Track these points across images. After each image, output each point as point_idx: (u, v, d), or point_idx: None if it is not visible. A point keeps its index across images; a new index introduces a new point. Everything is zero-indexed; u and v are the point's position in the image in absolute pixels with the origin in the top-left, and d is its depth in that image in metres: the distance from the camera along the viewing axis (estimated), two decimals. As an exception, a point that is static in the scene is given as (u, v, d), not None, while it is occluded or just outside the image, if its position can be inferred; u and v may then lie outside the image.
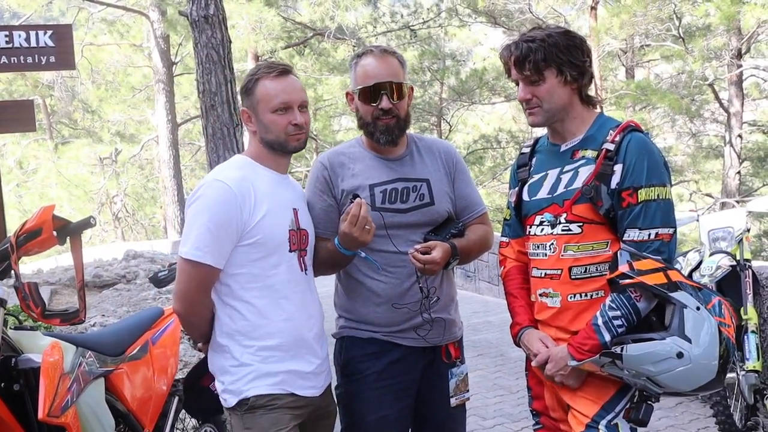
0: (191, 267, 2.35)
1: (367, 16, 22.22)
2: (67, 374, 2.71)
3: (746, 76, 17.84)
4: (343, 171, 2.73)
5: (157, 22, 18.53)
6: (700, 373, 2.09)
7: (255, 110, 2.50)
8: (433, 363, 2.74)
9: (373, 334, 2.70)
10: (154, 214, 28.70)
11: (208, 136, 7.78)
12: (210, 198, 2.37)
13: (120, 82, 24.33)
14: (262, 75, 2.49)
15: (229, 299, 2.43)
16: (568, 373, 2.29)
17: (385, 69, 2.65)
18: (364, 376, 2.70)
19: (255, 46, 17.86)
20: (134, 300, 7.18)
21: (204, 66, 7.67)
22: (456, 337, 2.81)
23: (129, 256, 9.84)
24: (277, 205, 2.46)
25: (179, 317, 2.49)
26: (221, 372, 2.47)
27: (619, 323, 2.18)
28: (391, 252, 2.64)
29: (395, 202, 2.67)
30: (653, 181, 2.22)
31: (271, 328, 2.42)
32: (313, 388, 2.52)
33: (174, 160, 18.90)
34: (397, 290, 2.66)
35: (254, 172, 2.48)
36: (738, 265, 4.61)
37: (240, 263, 2.40)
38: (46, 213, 2.70)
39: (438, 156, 2.81)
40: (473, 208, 2.81)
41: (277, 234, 2.43)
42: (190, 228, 2.37)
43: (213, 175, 2.46)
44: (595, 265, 2.30)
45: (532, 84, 2.33)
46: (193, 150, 26.22)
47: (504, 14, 21.21)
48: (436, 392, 2.75)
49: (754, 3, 12.26)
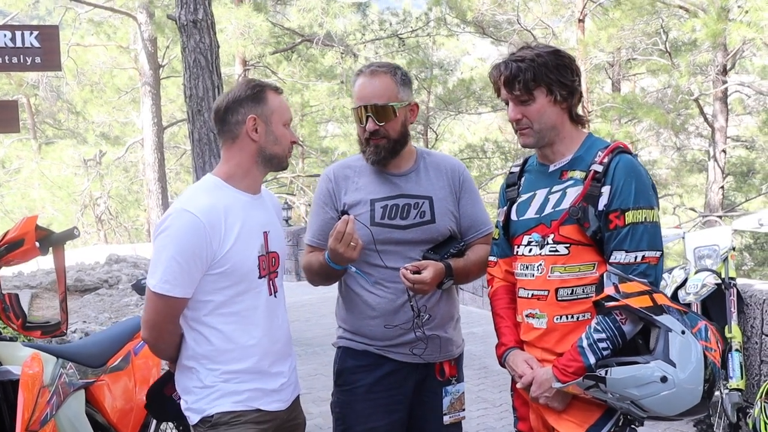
0: (159, 299, 2.33)
1: (355, 24, 22.24)
2: (46, 387, 2.68)
3: (731, 92, 18.01)
4: (347, 184, 2.75)
5: (145, 24, 18.47)
6: (685, 398, 2.08)
7: (267, 120, 2.44)
8: (426, 380, 2.74)
9: (367, 347, 2.72)
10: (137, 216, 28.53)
11: (194, 141, 7.75)
12: (178, 230, 2.32)
13: (105, 83, 24.19)
14: (267, 87, 2.47)
15: (196, 324, 2.42)
16: (553, 395, 2.27)
17: (372, 90, 2.64)
18: (355, 388, 2.72)
19: (243, 50, 17.83)
20: (116, 306, 7.11)
21: (191, 71, 7.65)
22: (452, 355, 2.80)
23: (111, 261, 9.76)
24: (248, 231, 2.42)
25: (147, 344, 2.50)
26: (185, 392, 2.47)
27: (604, 346, 2.17)
28: (385, 267, 2.65)
29: (395, 218, 2.67)
30: (641, 203, 2.21)
31: (235, 354, 2.41)
32: (279, 402, 2.52)
33: (159, 163, 18.83)
34: (392, 305, 2.67)
35: (226, 196, 2.42)
36: (723, 283, 4.64)
37: (207, 291, 2.38)
38: (29, 224, 2.67)
39: (445, 173, 2.79)
40: (478, 227, 2.80)
41: (245, 263, 2.40)
42: (157, 260, 2.33)
43: (181, 203, 2.39)
44: (582, 287, 2.29)
45: (522, 104, 2.32)
46: (178, 153, 26.11)
47: (492, 25, 21.33)
48: (427, 409, 2.76)
49: (740, 21, 12.36)
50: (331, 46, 20.12)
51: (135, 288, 5.50)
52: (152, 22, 18.19)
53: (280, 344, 2.54)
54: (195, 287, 2.35)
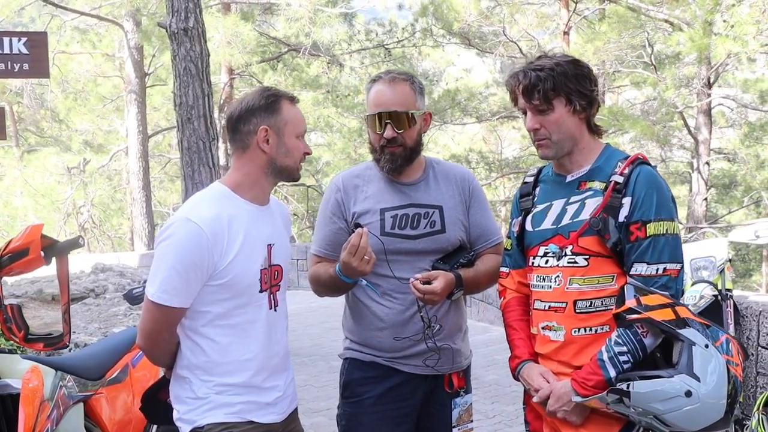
0: (157, 309, 2.29)
1: (342, 34, 22.24)
2: (46, 401, 2.61)
3: (714, 105, 18.18)
4: (356, 193, 2.71)
5: (132, 32, 18.35)
6: (708, 413, 2.05)
7: (280, 131, 2.38)
8: (435, 391, 2.71)
9: (375, 358, 2.69)
10: (120, 225, 28.27)
11: (184, 150, 7.68)
12: (180, 239, 2.27)
13: (89, 91, 23.98)
14: (282, 97, 2.40)
15: (192, 334, 2.37)
16: (572, 409, 2.24)
17: (392, 97, 2.61)
18: (362, 400, 2.69)
19: (230, 59, 17.74)
20: (104, 315, 7.01)
21: (182, 79, 7.59)
22: (461, 366, 2.77)
23: (97, 269, 9.64)
24: (251, 244, 2.36)
25: (143, 352, 2.46)
26: (178, 401, 2.43)
27: (625, 359, 2.14)
28: (395, 278, 2.62)
29: (405, 228, 2.64)
30: (662, 215, 2.19)
31: (231, 366, 2.36)
32: (274, 414, 2.46)
33: (144, 172, 18.68)
34: (401, 317, 2.64)
35: (232, 206, 2.37)
36: (720, 294, 4.65)
37: (206, 302, 2.33)
38: (35, 232, 2.59)
39: (454, 182, 2.77)
40: (488, 236, 2.78)
41: (247, 276, 2.35)
42: (157, 268, 2.29)
43: (185, 212, 2.33)
44: (601, 299, 2.26)
45: (541, 113, 2.29)
46: (163, 162, 25.92)
47: (478, 36, 21.38)
48: (435, 421, 2.73)
49: (725, 35, 12.48)
50: (318, 56, 20.09)
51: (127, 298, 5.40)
52: (139, 30, 18.07)
53: (277, 359, 2.48)
54: (194, 298, 2.31)
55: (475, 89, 23.40)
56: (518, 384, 2.53)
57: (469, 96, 22.19)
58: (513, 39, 19.93)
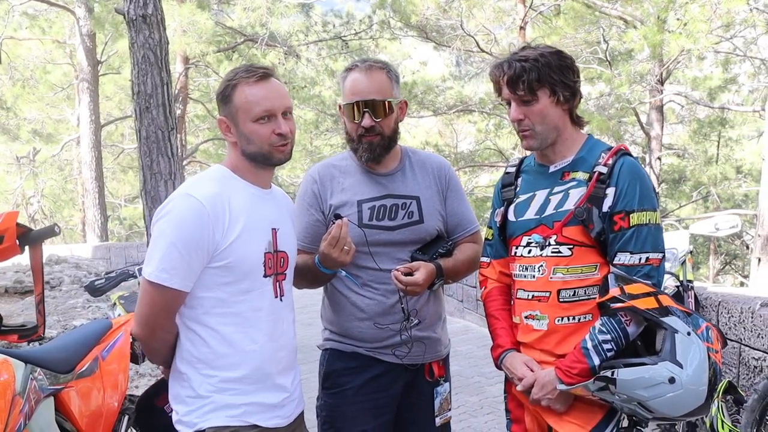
0: (155, 290, 2.14)
1: (299, 25, 22.07)
2: (18, 395, 2.52)
3: (666, 101, 18.57)
4: (332, 185, 2.68)
5: (84, 18, 17.90)
6: (690, 399, 2.09)
7: (234, 120, 2.26)
8: (416, 381, 2.71)
9: (356, 349, 2.68)
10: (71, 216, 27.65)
11: (142, 139, 7.51)
12: (179, 214, 2.14)
13: (39, 79, 23.35)
14: (240, 80, 2.25)
15: (192, 323, 2.23)
16: (556, 397, 2.27)
17: (369, 85, 2.58)
18: (343, 390, 2.67)
19: (186, 48, 17.46)
20: (62, 308, 6.84)
21: (140, 67, 7.41)
22: (441, 355, 2.78)
23: (52, 261, 9.41)
24: (254, 225, 2.24)
25: (140, 342, 2.29)
26: (177, 401, 2.27)
27: (609, 347, 2.17)
28: (375, 269, 2.61)
29: (383, 219, 2.62)
30: (645, 205, 2.23)
31: (234, 358, 2.22)
32: (279, 418, 2.32)
33: (96, 162, 18.28)
34: (381, 307, 2.63)
35: (232, 186, 2.26)
36: (681, 285, 4.75)
37: (207, 286, 2.19)
38: (10, 219, 2.51)
39: (431, 172, 2.76)
40: (465, 226, 2.78)
41: (250, 258, 2.22)
42: (155, 246, 2.14)
43: (185, 188, 2.21)
44: (584, 288, 2.28)
45: (525, 104, 2.30)
46: (116, 152, 25.40)
47: (435, 29, 21.45)
48: (417, 412, 2.73)
49: (678, 32, 12.74)
50: (274, 47, 19.91)
51: (88, 289, 5.30)
52: (91, 17, 17.64)
53: (284, 353, 2.34)
54: (194, 281, 2.17)
55: (431, 82, 23.46)
56: (480, 375, 2.56)
57: (425, 89, 22.26)
58: (470, 33, 20.04)
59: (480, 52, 20.32)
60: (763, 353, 4.23)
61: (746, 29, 15.74)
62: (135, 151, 13.75)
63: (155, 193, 6.91)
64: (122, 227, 28.48)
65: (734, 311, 4.51)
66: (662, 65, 16.12)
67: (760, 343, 4.27)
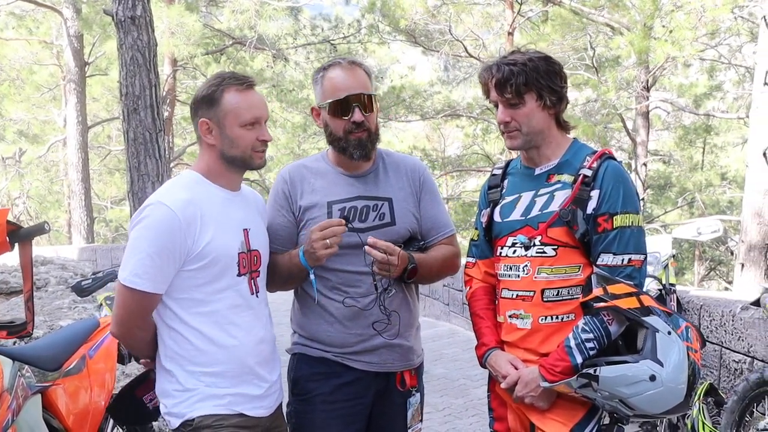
0: (129, 293, 2.27)
1: (288, 28, 22.08)
2: (6, 391, 2.54)
3: (652, 108, 18.72)
4: (303, 186, 2.66)
5: (71, 19, 17.87)
6: (669, 397, 2.14)
7: (220, 122, 2.35)
8: (387, 390, 2.66)
9: (324, 354, 2.62)
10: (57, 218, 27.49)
11: (130, 141, 7.51)
12: (152, 222, 2.26)
13: (25, 79, 23.23)
14: (229, 86, 2.35)
15: (174, 323, 2.35)
16: (539, 394, 2.31)
17: (355, 81, 2.57)
18: (312, 397, 2.62)
19: (174, 50, 17.43)
20: (48, 309, 6.83)
21: (128, 68, 7.42)
22: (413, 364, 2.71)
23: (38, 262, 9.37)
24: (226, 227, 2.36)
25: (119, 340, 2.46)
26: (164, 395, 2.39)
27: (591, 346, 2.22)
28: (345, 271, 2.57)
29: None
30: (628, 208, 2.28)
31: (217, 355, 2.34)
32: (262, 408, 2.44)
33: (83, 164, 18.25)
34: (351, 311, 2.58)
35: (204, 191, 2.38)
36: (664, 289, 4.81)
37: (183, 288, 2.32)
38: (0, 216, 2.52)
39: (404, 173, 2.72)
40: (440, 229, 2.73)
41: (223, 259, 2.33)
42: (130, 252, 2.28)
43: (158, 196, 2.33)
44: (568, 288, 2.33)
45: (512, 107, 2.35)
46: (102, 154, 25.31)
47: (424, 34, 21.53)
48: (387, 420, 2.67)
49: (664, 39, 12.87)
50: (262, 50, 19.91)
51: (75, 290, 5.31)
52: (79, 18, 17.60)
53: (264, 346, 2.46)
54: (167, 283, 2.29)
55: (419, 87, 23.51)
56: (466, 378, 2.56)
57: (413, 94, 22.30)
58: (458, 38, 20.13)
59: (468, 57, 20.41)
60: (744, 356, 4.30)
61: (731, 37, 15.95)
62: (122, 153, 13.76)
63: (143, 195, 6.90)
64: (108, 229, 28.38)
65: (716, 314, 4.58)
66: (648, 72, 16.26)
67: (740, 345, 4.33)
